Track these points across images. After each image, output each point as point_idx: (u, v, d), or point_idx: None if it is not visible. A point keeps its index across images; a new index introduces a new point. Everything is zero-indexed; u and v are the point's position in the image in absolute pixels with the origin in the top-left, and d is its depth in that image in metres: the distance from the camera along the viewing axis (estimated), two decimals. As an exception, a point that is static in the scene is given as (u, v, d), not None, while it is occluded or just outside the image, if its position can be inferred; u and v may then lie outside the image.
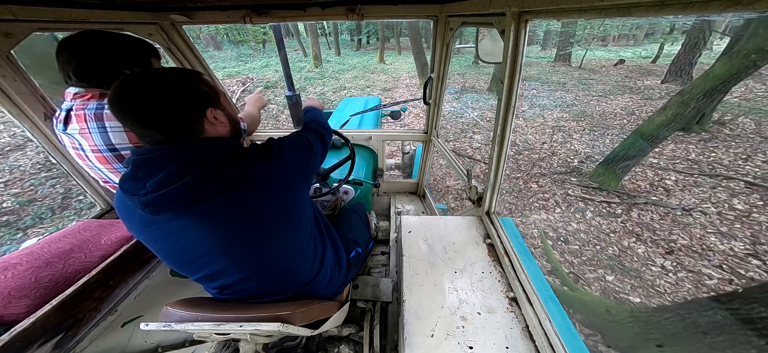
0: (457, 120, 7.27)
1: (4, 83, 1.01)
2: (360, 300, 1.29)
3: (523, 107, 8.13)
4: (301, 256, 0.85)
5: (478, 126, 6.88)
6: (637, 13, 0.60)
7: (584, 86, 9.85)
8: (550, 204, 4.17)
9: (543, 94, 9.35)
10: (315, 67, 13.74)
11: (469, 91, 9.86)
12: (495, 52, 1.31)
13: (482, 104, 8.45)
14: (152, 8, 1.35)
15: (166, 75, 0.66)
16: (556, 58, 14.64)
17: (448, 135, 6.47)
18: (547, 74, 12.04)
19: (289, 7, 1.39)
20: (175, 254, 0.72)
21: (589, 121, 6.91)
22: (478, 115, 7.55)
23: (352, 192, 1.76)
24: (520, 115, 7.36)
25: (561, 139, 6.10)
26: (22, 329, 0.81)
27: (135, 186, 0.63)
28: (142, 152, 0.65)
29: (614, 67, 12.56)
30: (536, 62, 15.17)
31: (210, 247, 0.70)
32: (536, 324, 0.91)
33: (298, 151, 0.82)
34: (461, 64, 14.28)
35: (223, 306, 0.78)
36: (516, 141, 6.04)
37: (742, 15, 2.57)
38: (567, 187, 4.49)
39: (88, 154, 0.99)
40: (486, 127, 6.82)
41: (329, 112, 3.47)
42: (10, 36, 0.99)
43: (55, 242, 1.08)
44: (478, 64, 13.37)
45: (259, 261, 0.76)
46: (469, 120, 7.27)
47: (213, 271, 0.75)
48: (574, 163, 5.16)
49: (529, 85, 10.42)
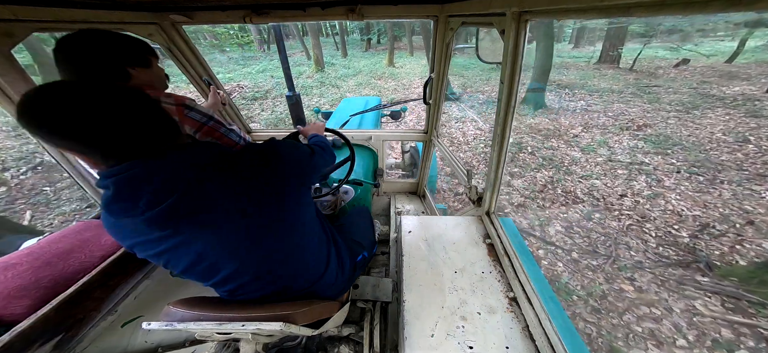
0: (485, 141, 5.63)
1: (4, 83, 1.01)
2: (360, 300, 1.29)
3: (574, 129, 6.01)
4: (308, 257, 0.85)
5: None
6: (637, 13, 0.60)
7: (649, 95, 7.69)
8: (664, 330, 2.26)
9: (596, 106, 7.23)
10: (316, 72, 12.23)
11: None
12: (495, 52, 1.31)
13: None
14: (152, 8, 1.35)
15: (131, 95, 0.60)
16: (601, 58, 12.21)
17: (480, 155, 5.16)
18: (591, 79, 9.83)
19: (289, 7, 1.39)
20: (184, 267, 0.70)
21: (681, 154, 4.69)
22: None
23: (352, 193, 1.76)
24: (574, 146, 5.36)
25: (646, 185, 4.01)
26: (22, 329, 0.81)
27: (126, 206, 0.60)
28: (119, 171, 0.59)
29: (675, 69, 10.44)
30: (573, 63, 12.69)
31: (219, 255, 0.69)
32: (536, 323, 0.91)
33: (298, 155, 0.82)
34: (484, 67, 11.91)
35: (224, 306, 0.78)
36: (575, 190, 4.07)
37: (743, 15, 2.54)
38: (690, 295, 2.49)
39: None
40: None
41: (329, 112, 3.47)
42: (10, 36, 0.99)
43: (55, 242, 1.08)
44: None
45: (268, 263, 0.76)
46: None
47: (224, 276, 0.74)
48: (683, 239, 3.07)
49: (571, 93, 8.42)
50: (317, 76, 11.72)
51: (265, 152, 0.73)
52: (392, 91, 9.74)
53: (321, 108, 6.15)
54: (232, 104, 2.00)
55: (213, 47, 17.27)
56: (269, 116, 7.56)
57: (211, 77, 1.76)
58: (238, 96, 9.20)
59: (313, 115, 3.97)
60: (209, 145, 0.71)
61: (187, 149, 0.66)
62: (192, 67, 1.69)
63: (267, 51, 18.33)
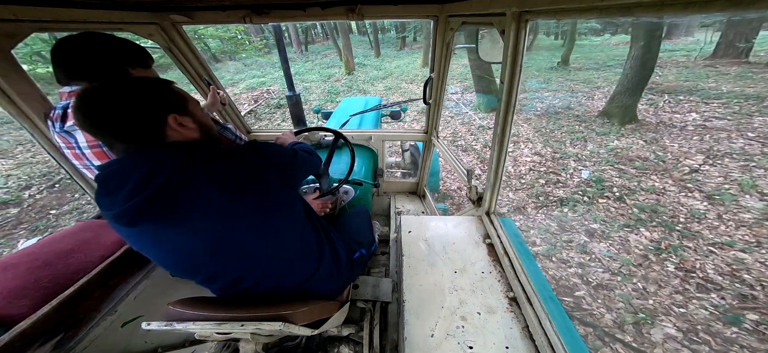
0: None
1: (4, 83, 1.01)
2: (360, 300, 1.29)
3: (690, 157, 3.84)
4: (295, 254, 0.85)
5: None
6: (637, 13, 0.60)
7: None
8: None
9: (720, 120, 4.69)
10: (346, 74, 11.33)
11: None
12: (495, 52, 1.31)
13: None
14: (152, 8, 1.35)
15: (127, 84, 0.66)
16: (716, 51, 9.12)
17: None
18: (703, 80, 6.92)
19: (289, 7, 1.39)
20: (169, 261, 0.72)
21: None
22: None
23: (352, 192, 1.76)
24: (694, 189, 3.35)
25: None
26: (22, 329, 0.81)
27: (108, 201, 0.62)
28: (106, 166, 0.65)
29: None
30: (668, 59, 9.38)
31: (201, 252, 0.70)
32: (536, 324, 0.91)
33: (279, 154, 0.81)
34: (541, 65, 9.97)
35: (224, 306, 0.78)
36: (702, 267, 2.48)
37: (743, 15, 2.51)
38: None
39: (85, 151, 0.99)
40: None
41: (329, 112, 3.47)
42: (10, 36, 0.99)
43: (55, 242, 1.08)
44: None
45: (252, 260, 0.77)
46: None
47: (210, 273, 0.76)
48: None
49: (674, 101, 5.80)
50: (346, 79, 10.89)
51: (245, 153, 0.73)
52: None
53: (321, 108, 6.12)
54: (232, 104, 2.01)
55: (223, 53, 16.32)
56: (287, 127, 6.36)
57: (210, 77, 1.76)
58: (263, 104, 8.44)
59: (314, 114, 3.97)
60: (192, 145, 0.71)
61: (169, 147, 0.67)
62: (192, 67, 1.69)
63: (305, 51, 17.46)
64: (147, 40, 1.44)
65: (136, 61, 1.00)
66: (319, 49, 20.13)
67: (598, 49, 13.75)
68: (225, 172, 0.68)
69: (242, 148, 0.75)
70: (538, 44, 12.60)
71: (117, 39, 1.00)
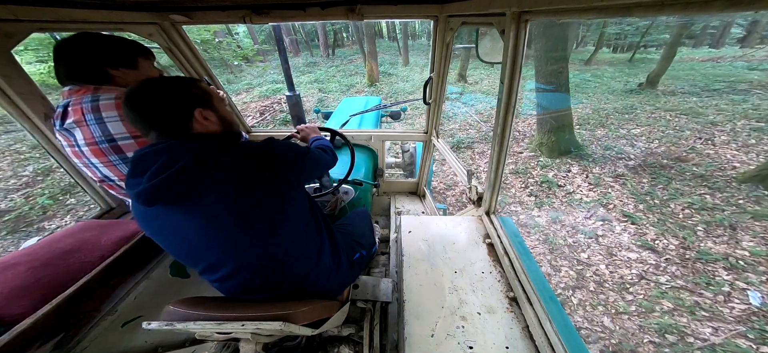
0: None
1: (4, 83, 1.01)
2: (360, 300, 1.29)
3: None
4: (296, 250, 0.86)
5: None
6: (637, 13, 0.60)
7: None
8: None
9: None
10: (368, 86, 9.81)
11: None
12: (495, 52, 1.31)
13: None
14: (152, 8, 1.35)
15: (165, 81, 0.75)
16: None
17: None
18: None
19: (289, 7, 1.39)
20: (176, 245, 0.77)
21: None
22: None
23: (352, 192, 1.76)
24: None
25: None
26: (22, 329, 0.81)
27: (135, 181, 0.69)
28: (141, 150, 0.72)
29: None
30: None
31: (207, 239, 0.74)
32: (536, 324, 0.91)
33: (292, 152, 0.85)
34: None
35: (225, 306, 0.78)
36: None
37: (743, 14, 2.42)
38: None
39: (83, 149, 0.99)
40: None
41: (329, 112, 3.47)
42: (10, 36, 0.99)
43: (55, 242, 1.08)
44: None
45: (254, 252, 0.78)
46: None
47: (212, 263, 0.78)
48: None
49: None
50: (367, 91, 9.49)
51: (260, 150, 0.77)
52: (454, 123, 5.03)
53: (321, 108, 6.07)
54: (233, 104, 2.02)
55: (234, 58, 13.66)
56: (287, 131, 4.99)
57: (210, 77, 1.77)
58: (269, 117, 7.34)
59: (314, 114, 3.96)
60: (213, 137, 0.77)
61: (193, 138, 0.74)
62: (192, 67, 1.70)
63: (331, 56, 16.07)
64: (147, 40, 1.45)
65: (121, 62, 1.00)
66: (346, 53, 18.20)
67: (685, 64, 10.01)
68: (236, 164, 0.72)
69: (258, 143, 0.79)
70: (600, 58, 9.12)
71: (113, 38, 1.01)
